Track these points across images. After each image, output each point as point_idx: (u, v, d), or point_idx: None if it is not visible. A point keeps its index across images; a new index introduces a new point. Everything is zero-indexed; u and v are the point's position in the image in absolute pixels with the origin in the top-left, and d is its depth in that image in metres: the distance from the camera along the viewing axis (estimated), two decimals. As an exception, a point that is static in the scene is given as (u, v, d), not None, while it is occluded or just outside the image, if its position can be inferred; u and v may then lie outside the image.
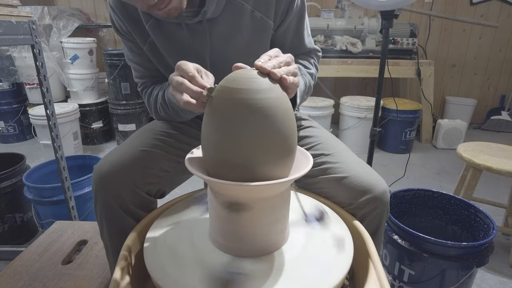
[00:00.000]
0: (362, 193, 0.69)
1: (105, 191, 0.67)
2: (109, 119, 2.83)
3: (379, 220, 0.71)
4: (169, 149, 0.76)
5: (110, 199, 0.67)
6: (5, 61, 2.56)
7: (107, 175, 0.67)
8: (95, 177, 0.68)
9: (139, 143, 0.74)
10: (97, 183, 0.67)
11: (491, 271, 1.37)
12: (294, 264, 0.53)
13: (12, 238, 1.50)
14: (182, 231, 0.61)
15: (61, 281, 0.87)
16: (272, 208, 0.53)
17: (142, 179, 0.70)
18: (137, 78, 0.87)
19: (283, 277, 0.50)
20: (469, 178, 1.43)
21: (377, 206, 0.69)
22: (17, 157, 1.61)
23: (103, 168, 0.68)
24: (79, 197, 1.42)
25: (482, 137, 3.06)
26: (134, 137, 0.79)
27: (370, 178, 0.70)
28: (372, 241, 0.62)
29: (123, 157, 0.69)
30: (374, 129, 1.46)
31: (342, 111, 2.72)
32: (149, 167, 0.71)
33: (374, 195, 0.68)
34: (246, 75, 0.50)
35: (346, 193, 0.71)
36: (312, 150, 0.79)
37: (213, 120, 0.50)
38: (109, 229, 0.70)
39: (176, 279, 0.49)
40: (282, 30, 0.81)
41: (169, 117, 0.81)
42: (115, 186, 0.66)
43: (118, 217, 0.68)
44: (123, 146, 0.74)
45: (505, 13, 3.15)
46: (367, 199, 0.68)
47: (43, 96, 1.20)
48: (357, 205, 0.69)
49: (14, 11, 1.06)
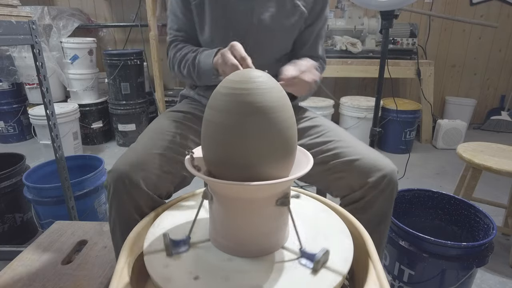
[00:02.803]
0: (374, 171, 0.73)
1: (122, 193, 0.67)
2: (109, 119, 2.83)
3: (389, 201, 0.76)
4: (177, 149, 0.76)
5: (126, 201, 0.67)
6: (5, 61, 2.56)
7: (123, 176, 0.66)
8: (113, 178, 0.67)
9: (152, 145, 0.74)
10: (114, 185, 0.67)
11: (491, 271, 1.37)
12: (294, 264, 0.53)
13: (12, 238, 1.50)
14: (182, 231, 0.61)
15: (61, 281, 0.87)
16: (264, 211, 0.52)
17: (157, 182, 0.70)
18: (172, 29, 0.92)
19: (269, 280, 0.50)
20: (469, 178, 1.43)
21: (388, 183, 0.73)
22: (17, 157, 1.60)
23: (119, 170, 0.67)
24: (79, 197, 1.42)
25: (482, 137, 3.06)
26: (146, 138, 0.78)
27: (380, 158, 0.76)
28: (379, 226, 0.72)
29: (140, 160, 0.69)
30: (374, 129, 1.46)
31: (342, 111, 2.72)
32: (160, 169, 0.71)
33: (386, 172, 0.73)
34: (248, 75, 0.50)
35: (359, 174, 0.74)
36: (323, 137, 0.84)
37: (214, 120, 0.50)
38: (122, 230, 0.69)
39: (176, 279, 0.49)
40: (309, 30, 0.91)
41: (188, 77, 0.87)
42: (131, 188, 0.66)
43: (132, 219, 0.67)
44: (138, 148, 0.74)
45: (505, 13, 3.15)
46: (380, 177, 0.73)
47: (43, 96, 1.20)
48: (371, 184, 0.73)
49: (14, 11, 1.06)
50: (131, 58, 2.56)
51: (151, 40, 2.49)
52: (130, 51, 2.64)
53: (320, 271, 0.51)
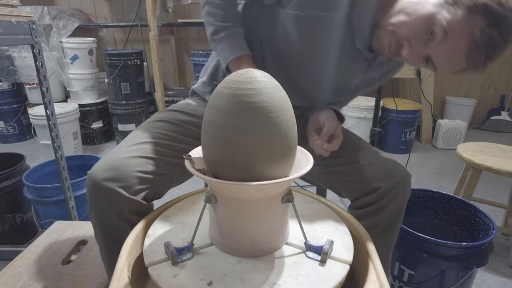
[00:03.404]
0: (389, 177, 0.74)
1: (99, 198, 0.64)
2: (109, 119, 2.83)
3: (402, 203, 0.76)
4: (167, 152, 0.73)
5: (105, 207, 0.64)
6: (5, 61, 2.56)
7: (101, 183, 0.63)
8: (89, 184, 0.65)
9: (134, 148, 0.70)
10: (90, 191, 0.65)
11: (491, 271, 1.37)
12: (302, 258, 0.54)
13: (12, 238, 1.50)
14: (182, 231, 0.61)
15: (60, 281, 0.87)
16: (273, 208, 0.53)
17: (138, 186, 0.66)
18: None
19: (283, 277, 0.50)
20: (469, 178, 1.43)
21: (403, 189, 0.74)
22: (17, 157, 1.60)
23: (97, 175, 0.64)
24: (79, 197, 1.42)
25: (482, 137, 3.06)
26: (130, 139, 0.74)
27: (394, 164, 0.78)
28: (391, 226, 0.74)
29: (117, 164, 0.65)
30: (374, 129, 1.47)
31: (342, 111, 2.71)
32: (145, 172, 0.67)
33: (400, 179, 0.74)
34: (248, 76, 0.50)
35: (373, 178, 0.75)
36: None
37: (215, 120, 0.50)
38: (104, 236, 0.68)
39: (176, 279, 0.49)
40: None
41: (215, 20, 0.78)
42: (109, 193, 0.63)
43: (114, 224, 0.65)
44: (118, 150, 0.70)
45: (505, 13, 3.15)
46: (394, 183, 0.73)
47: (43, 96, 1.20)
48: (384, 189, 0.73)
49: (14, 11, 1.06)
50: (131, 58, 2.56)
51: (151, 40, 2.48)
52: (130, 51, 2.65)
53: (328, 262, 0.54)
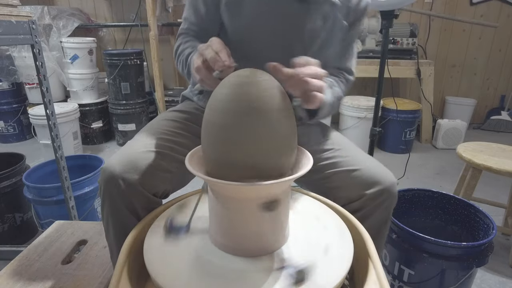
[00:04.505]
0: (373, 184, 0.71)
1: (113, 192, 0.65)
2: (109, 119, 2.83)
3: (388, 212, 0.74)
4: (176, 149, 0.75)
5: (118, 201, 0.65)
6: (5, 60, 2.56)
7: (116, 177, 0.64)
8: (104, 177, 0.66)
9: (146, 144, 0.72)
10: (105, 184, 0.66)
11: (491, 271, 1.37)
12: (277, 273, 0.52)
13: (12, 238, 1.50)
14: (182, 222, 0.61)
15: (60, 281, 0.87)
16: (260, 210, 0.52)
17: (150, 181, 0.68)
18: (186, 20, 0.87)
19: (283, 276, 0.50)
20: (469, 178, 1.43)
21: (387, 197, 0.72)
22: (17, 157, 1.60)
23: (112, 169, 0.65)
24: (79, 197, 1.42)
25: (482, 137, 3.06)
26: (141, 136, 0.76)
27: (379, 170, 0.74)
28: (377, 235, 0.68)
29: (132, 158, 0.67)
30: (374, 129, 1.46)
31: (342, 111, 2.72)
32: (157, 168, 0.69)
33: (385, 186, 0.71)
34: (249, 75, 0.50)
35: (357, 185, 0.73)
36: (322, 145, 0.81)
37: (214, 120, 0.50)
38: (116, 230, 0.69)
39: (176, 279, 0.49)
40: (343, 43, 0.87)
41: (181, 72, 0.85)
42: (123, 187, 0.64)
43: (125, 219, 0.66)
44: (131, 146, 0.72)
45: (505, 13, 3.15)
46: (378, 191, 0.71)
47: (43, 96, 1.20)
48: (368, 196, 0.71)
49: (14, 11, 1.06)
50: (131, 58, 2.56)
51: (151, 40, 2.48)
52: (130, 51, 2.64)
53: (327, 259, 0.53)
